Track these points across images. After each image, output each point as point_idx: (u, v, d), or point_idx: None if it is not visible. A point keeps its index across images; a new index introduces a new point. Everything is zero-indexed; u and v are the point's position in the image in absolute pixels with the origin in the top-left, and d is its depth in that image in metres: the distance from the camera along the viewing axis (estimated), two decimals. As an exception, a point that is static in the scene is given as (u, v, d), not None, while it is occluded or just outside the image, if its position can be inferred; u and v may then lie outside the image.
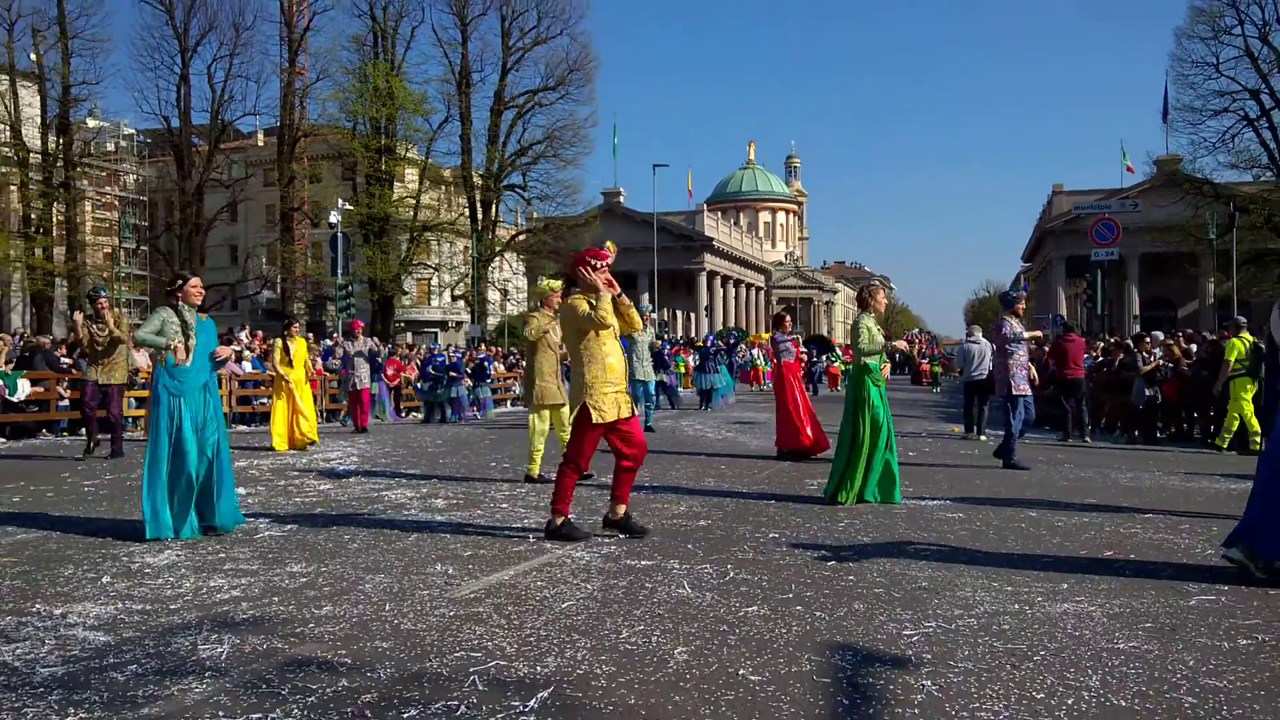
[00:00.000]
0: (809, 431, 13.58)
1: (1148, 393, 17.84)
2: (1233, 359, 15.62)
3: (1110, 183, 64.13)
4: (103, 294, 14.15)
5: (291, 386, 15.50)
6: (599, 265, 7.50)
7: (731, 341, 40.62)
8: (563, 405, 10.74)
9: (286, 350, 15.82)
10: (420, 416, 25.70)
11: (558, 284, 10.75)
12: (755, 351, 41.90)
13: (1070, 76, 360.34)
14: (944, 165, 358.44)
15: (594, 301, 7.35)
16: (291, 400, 15.49)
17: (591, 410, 7.28)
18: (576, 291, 7.58)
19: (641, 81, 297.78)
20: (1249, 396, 15.34)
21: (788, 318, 16.28)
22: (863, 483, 9.47)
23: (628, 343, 18.20)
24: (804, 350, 30.76)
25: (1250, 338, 15.37)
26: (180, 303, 8.01)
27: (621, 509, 7.67)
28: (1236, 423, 15.49)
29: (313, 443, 15.63)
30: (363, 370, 19.30)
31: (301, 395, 15.66)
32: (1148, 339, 19.76)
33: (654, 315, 20.50)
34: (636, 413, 7.86)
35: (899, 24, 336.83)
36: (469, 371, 26.16)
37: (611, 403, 7.36)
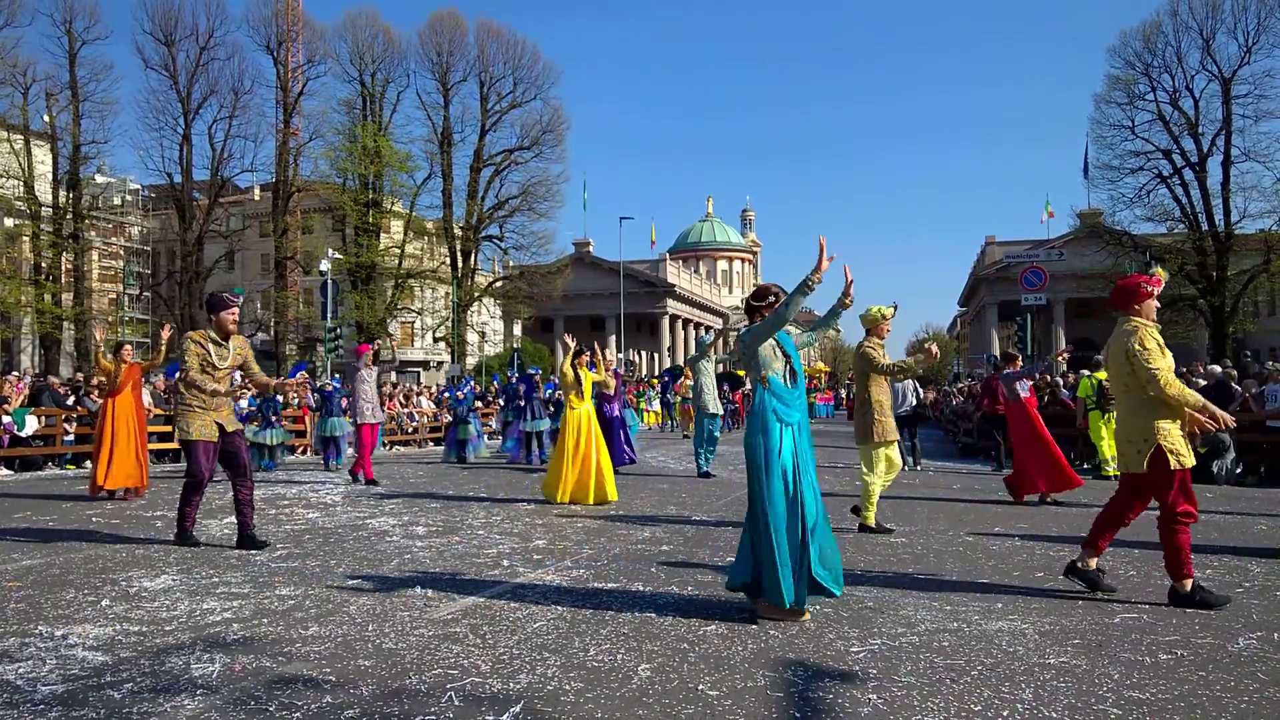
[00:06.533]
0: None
1: None
2: (1083, 395, 16.43)
3: (1037, 233, 64.77)
4: (240, 297, 9.13)
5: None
6: (1155, 291, 6.62)
7: (666, 379, 39.43)
8: (894, 443, 9.38)
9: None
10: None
11: (890, 310, 9.43)
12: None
13: (999, 139, 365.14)
14: (886, 219, 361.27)
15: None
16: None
17: (1168, 454, 5.94)
18: (1135, 319, 6.63)
19: (610, 141, 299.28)
20: (1103, 428, 15.75)
21: (1018, 355, 13.77)
22: None
23: (692, 372, 16.68)
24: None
25: (1100, 375, 15.67)
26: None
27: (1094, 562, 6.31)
28: (1110, 450, 15.67)
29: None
30: (371, 400, 14.50)
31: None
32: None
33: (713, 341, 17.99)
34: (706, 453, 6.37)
35: (844, 109, 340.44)
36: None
37: (1186, 443, 6.09)
